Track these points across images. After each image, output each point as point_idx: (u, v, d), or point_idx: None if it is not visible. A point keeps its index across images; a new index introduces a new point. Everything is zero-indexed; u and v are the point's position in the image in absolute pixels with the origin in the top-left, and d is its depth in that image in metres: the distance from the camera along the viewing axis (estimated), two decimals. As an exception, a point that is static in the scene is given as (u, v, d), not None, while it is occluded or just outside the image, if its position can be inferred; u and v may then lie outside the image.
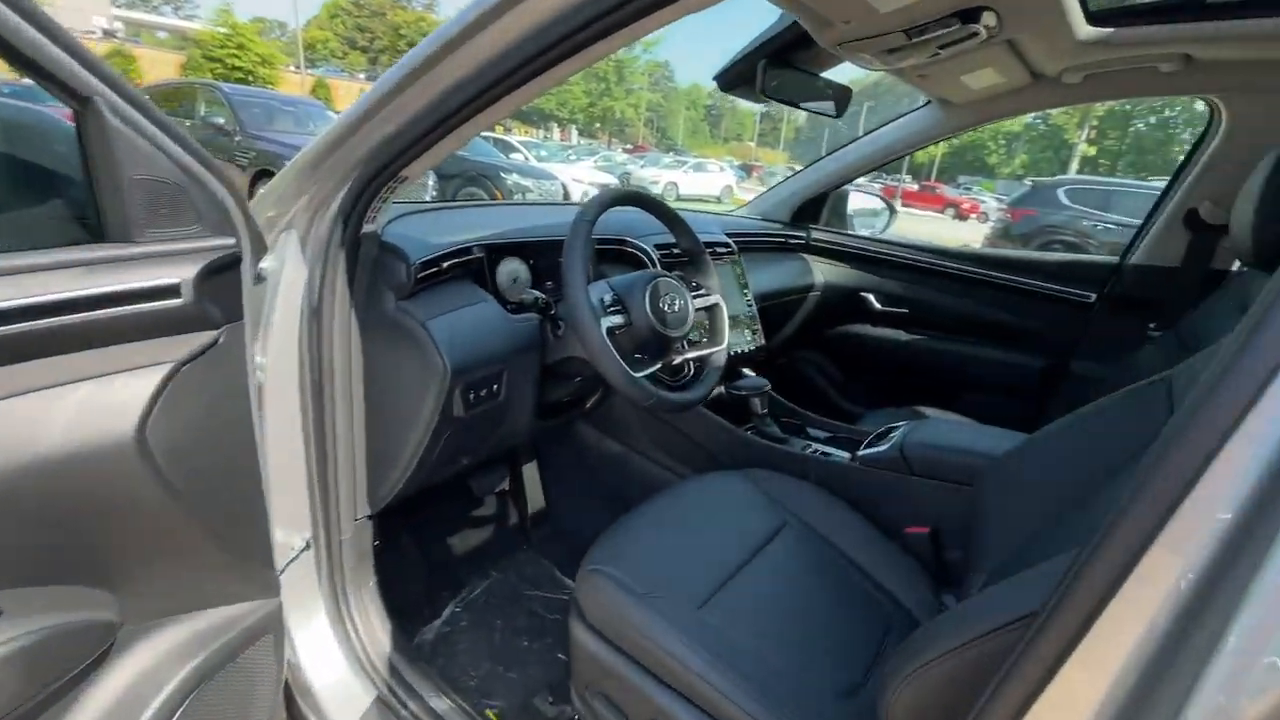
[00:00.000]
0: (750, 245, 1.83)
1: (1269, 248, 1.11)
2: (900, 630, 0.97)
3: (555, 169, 10.92)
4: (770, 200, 2.13)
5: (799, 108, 1.34)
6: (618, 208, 1.09)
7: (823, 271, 2.07)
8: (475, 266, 1.10)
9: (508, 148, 11.29)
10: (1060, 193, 8.24)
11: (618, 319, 1.01)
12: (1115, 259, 1.70)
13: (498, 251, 1.15)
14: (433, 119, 0.77)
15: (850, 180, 1.99)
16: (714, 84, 1.46)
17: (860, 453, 1.26)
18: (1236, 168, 1.42)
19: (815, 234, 2.09)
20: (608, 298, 1.03)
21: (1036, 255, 1.82)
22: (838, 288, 2.07)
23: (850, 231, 2.17)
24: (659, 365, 1.04)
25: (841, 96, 1.36)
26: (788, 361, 2.20)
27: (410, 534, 1.41)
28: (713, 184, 18.57)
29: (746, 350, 1.56)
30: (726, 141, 66.67)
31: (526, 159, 10.72)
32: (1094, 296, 1.71)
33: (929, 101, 1.70)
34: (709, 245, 1.53)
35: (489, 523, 1.61)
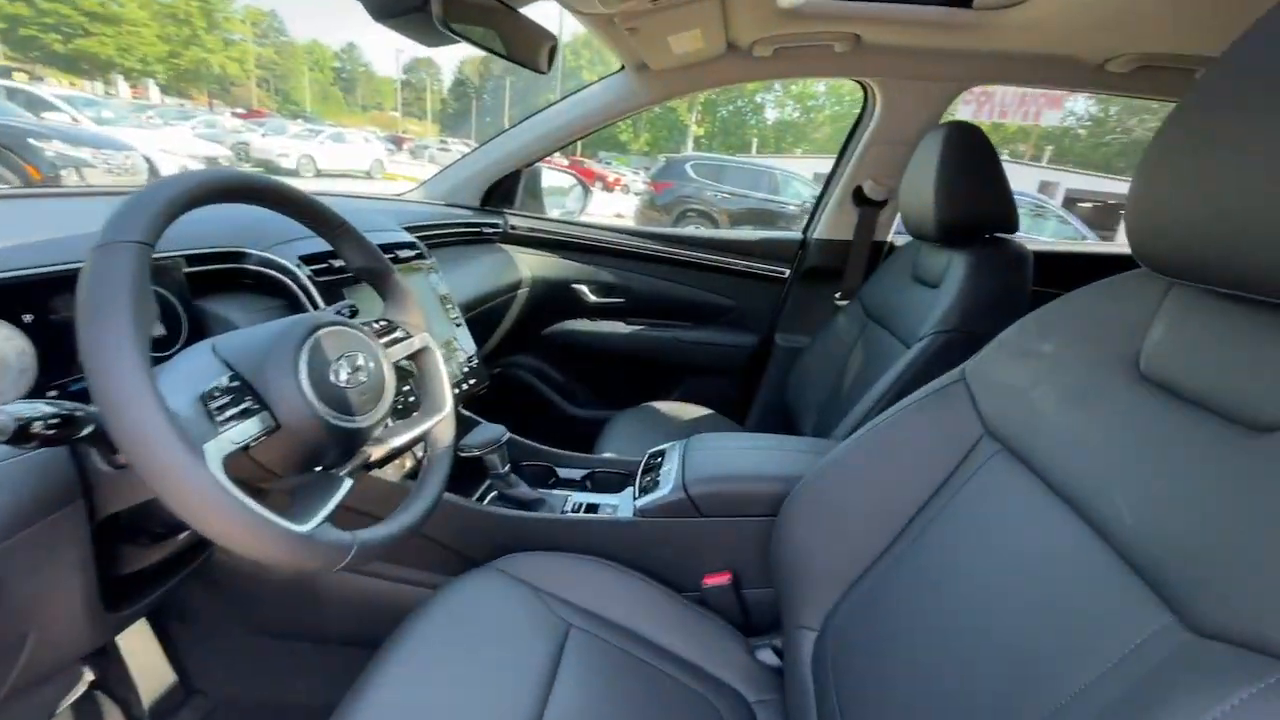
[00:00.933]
0: (439, 240, 1.41)
1: (935, 225, 1.19)
2: (734, 713, 0.79)
3: (129, 136, 8.07)
4: (450, 180, 1.71)
5: (493, 51, 0.97)
6: (219, 204, 0.57)
7: (528, 264, 1.76)
8: None
9: (38, 104, 7.99)
10: (688, 167, 9.49)
11: (248, 425, 0.52)
12: (797, 235, 1.79)
13: None
14: None
15: (547, 155, 1.70)
16: (341, 46, 0.98)
17: (639, 502, 1.01)
18: (892, 148, 1.56)
19: (513, 220, 1.76)
20: (217, 383, 0.53)
21: (736, 234, 1.83)
22: (547, 281, 1.79)
23: (550, 215, 1.90)
24: (346, 488, 0.58)
25: (545, 41, 1.03)
26: (503, 372, 1.86)
27: None
28: (359, 157, 16.40)
29: (462, 384, 1.16)
30: (366, 110, 60.50)
31: (76, 121, 7.75)
32: (788, 272, 1.78)
33: (622, 68, 1.51)
34: (389, 250, 1.07)
35: None
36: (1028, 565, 0.59)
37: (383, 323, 0.76)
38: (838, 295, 1.72)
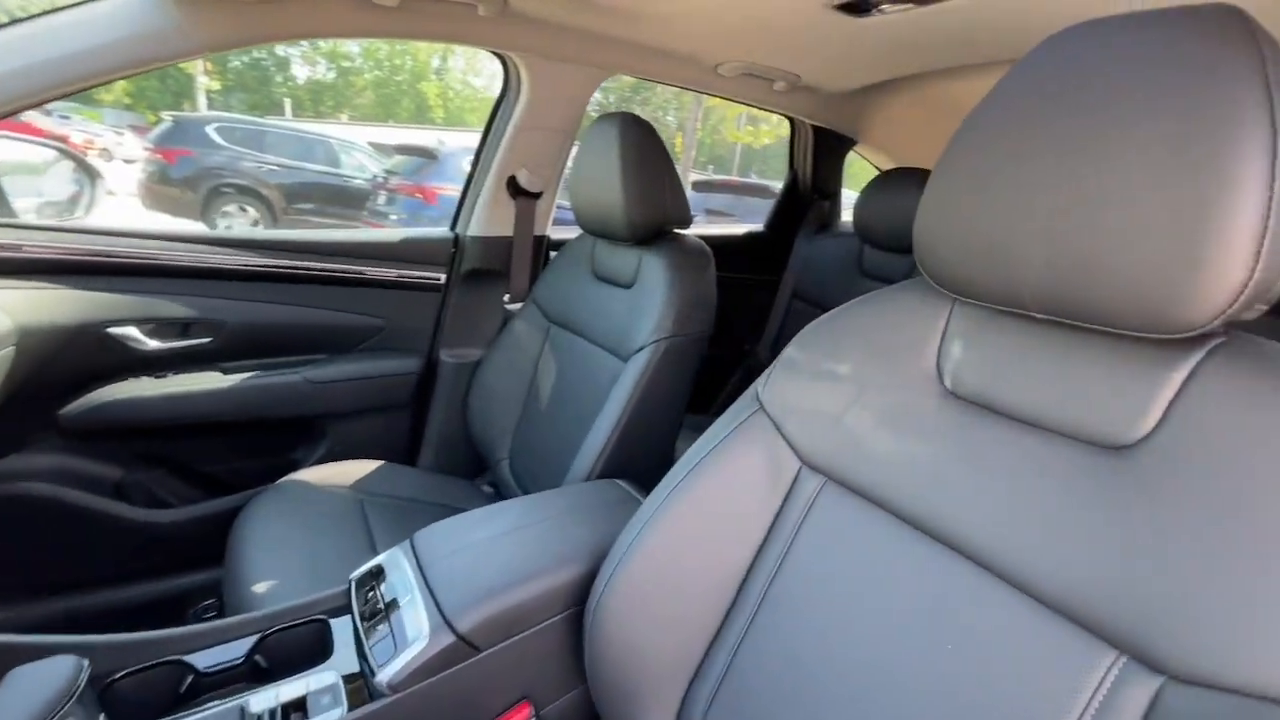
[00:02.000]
0: None
1: (624, 225, 1.14)
2: None
3: None
4: None
5: None
6: None
7: (9, 308, 1.01)
8: None
9: None
10: (211, 131, 7.50)
11: None
12: (448, 232, 1.51)
13: None
14: None
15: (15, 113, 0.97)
16: None
17: (386, 671, 0.66)
18: (544, 135, 1.42)
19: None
20: None
21: (371, 235, 1.43)
22: (54, 330, 1.08)
23: (22, 217, 1.13)
24: None
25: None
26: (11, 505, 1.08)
27: None
28: None
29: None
30: None
31: None
32: (444, 276, 1.49)
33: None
34: None
35: None
36: (902, 605, 0.56)
37: None
38: (507, 298, 1.53)
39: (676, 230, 1.22)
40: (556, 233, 1.60)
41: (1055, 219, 0.47)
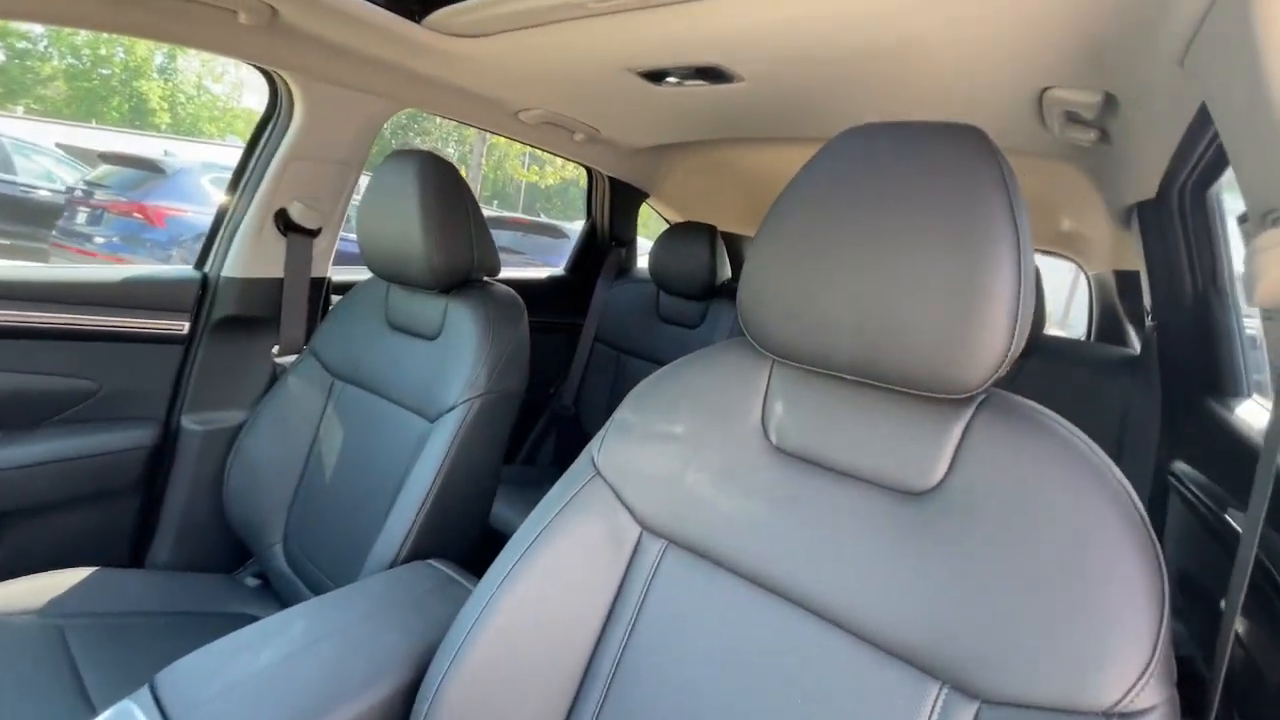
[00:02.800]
0: None
1: (428, 273, 1.03)
2: None
3: None
4: None
5: None
6: None
7: None
8: None
9: None
10: None
11: None
12: (194, 272, 1.24)
13: None
14: None
15: None
16: None
17: None
18: (321, 166, 1.25)
19: None
20: None
21: (79, 273, 1.11)
22: None
23: None
24: None
25: None
26: None
27: None
28: None
29: None
30: None
31: None
32: (188, 325, 1.21)
33: None
34: None
35: None
36: (751, 661, 0.58)
37: None
38: (276, 350, 1.29)
39: (485, 279, 1.15)
40: (341, 274, 1.41)
41: (862, 295, 0.53)
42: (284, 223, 1.25)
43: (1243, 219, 1.01)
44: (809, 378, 0.64)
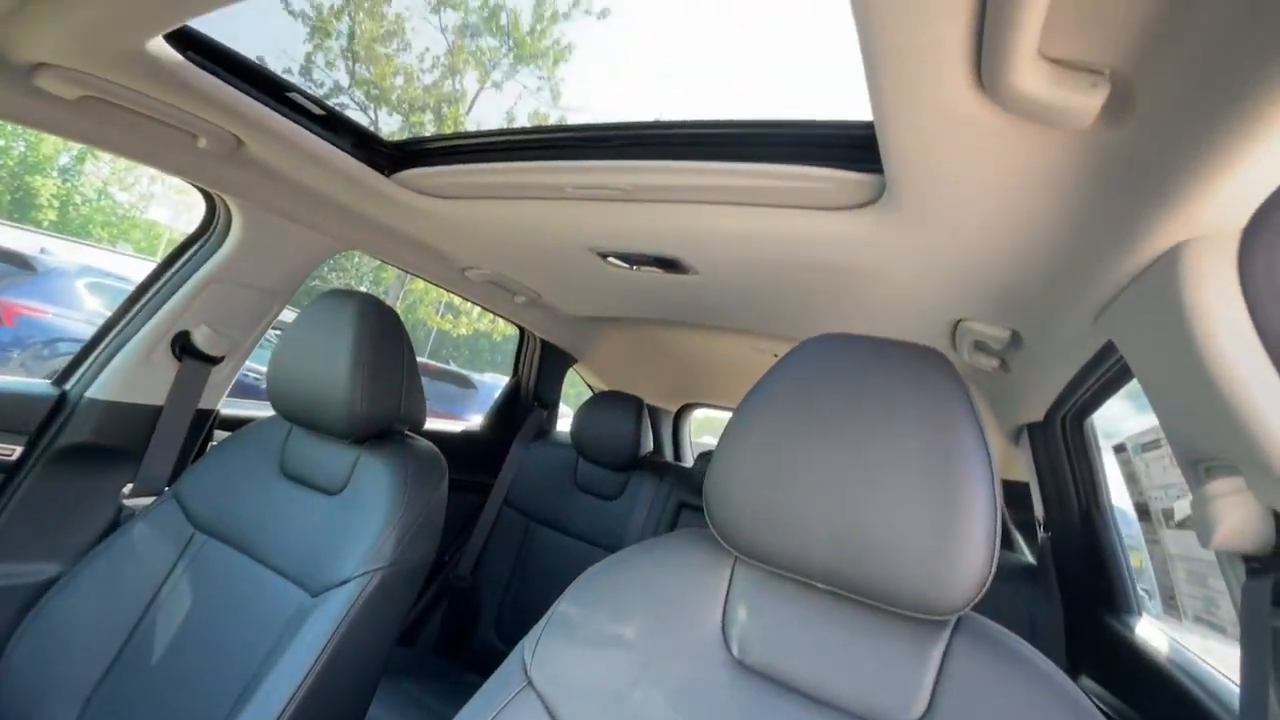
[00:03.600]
0: None
1: (346, 420, 0.93)
2: None
3: None
4: None
5: None
6: None
7: None
8: None
9: None
10: None
11: None
12: (49, 387, 1.05)
13: None
14: None
15: None
16: None
17: None
18: (241, 292, 1.15)
19: None
20: None
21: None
22: None
23: None
24: None
25: None
26: None
27: None
28: None
29: None
30: None
31: None
32: (17, 451, 1.00)
33: None
34: None
35: None
36: None
37: None
38: (128, 490, 1.08)
39: (406, 432, 1.06)
40: (233, 408, 1.26)
41: (841, 505, 0.52)
42: (180, 346, 1.11)
43: (1119, 449, 1.13)
44: (776, 582, 0.59)
